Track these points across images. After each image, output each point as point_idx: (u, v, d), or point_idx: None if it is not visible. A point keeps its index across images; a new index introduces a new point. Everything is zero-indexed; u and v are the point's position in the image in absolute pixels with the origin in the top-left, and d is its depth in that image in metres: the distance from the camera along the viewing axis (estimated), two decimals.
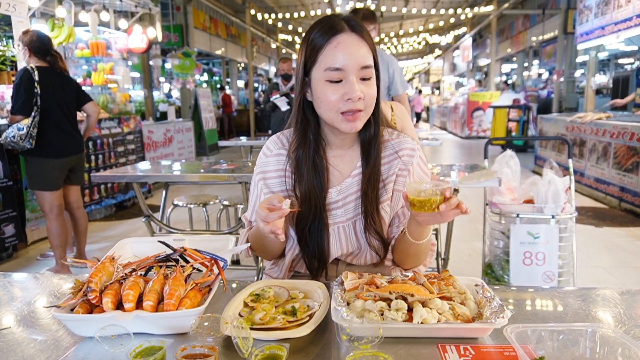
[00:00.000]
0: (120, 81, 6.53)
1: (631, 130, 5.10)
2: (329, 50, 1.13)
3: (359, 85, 1.13)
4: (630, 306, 1.07)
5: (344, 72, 1.12)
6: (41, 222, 4.27)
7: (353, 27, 1.14)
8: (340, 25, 1.14)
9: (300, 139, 1.25)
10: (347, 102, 1.13)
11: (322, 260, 1.27)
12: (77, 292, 0.99)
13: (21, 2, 4.55)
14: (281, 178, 1.29)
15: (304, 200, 1.24)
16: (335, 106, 1.14)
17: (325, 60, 1.13)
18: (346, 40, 1.13)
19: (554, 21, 12.60)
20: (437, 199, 0.99)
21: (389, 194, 1.26)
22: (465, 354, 0.86)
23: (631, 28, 6.71)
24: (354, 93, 1.11)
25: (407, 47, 25.97)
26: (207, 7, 13.46)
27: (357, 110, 1.14)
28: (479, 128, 14.01)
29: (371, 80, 1.15)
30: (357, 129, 1.17)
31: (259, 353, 0.80)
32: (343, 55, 1.11)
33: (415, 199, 1.01)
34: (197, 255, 1.13)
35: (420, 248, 1.19)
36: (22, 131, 3.17)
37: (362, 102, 1.14)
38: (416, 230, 1.14)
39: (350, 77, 1.12)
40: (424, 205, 1.00)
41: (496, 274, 2.88)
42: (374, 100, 1.17)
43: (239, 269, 3.64)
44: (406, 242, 1.18)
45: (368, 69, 1.14)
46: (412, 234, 1.15)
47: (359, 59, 1.12)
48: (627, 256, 3.87)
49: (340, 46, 1.12)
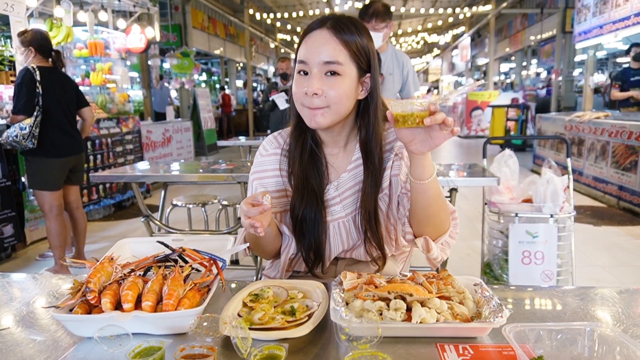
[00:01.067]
0: (118, 81, 6.52)
1: (629, 129, 5.10)
2: (303, 43, 1.16)
3: (319, 81, 1.12)
4: (629, 305, 1.07)
5: (307, 65, 1.14)
6: (40, 222, 4.26)
7: (332, 25, 1.14)
8: (322, 23, 1.16)
9: (295, 133, 1.26)
10: (306, 97, 1.14)
11: (318, 254, 1.27)
12: (76, 292, 0.99)
13: (19, 1, 4.54)
14: (277, 177, 1.30)
15: (301, 194, 1.24)
16: (299, 99, 1.16)
17: (298, 53, 1.17)
18: (316, 35, 1.14)
19: (552, 20, 12.62)
20: (422, 113, 0.95)
21: (386, 183, 1.25)
22: (464, 354, 0.86)
23: (629, 27, 6.72)
24: (310, 87, 1.12)
25: (406, 46, 25.96)
26: (206, 6, 13.45)
27: (316, 107, 1.14)
28: (478, 127, 14.01)
29: (339, 77, 1.13)
30: (319, 125, 1.16)
31: (257, 353, 0.80)
32: (307, 49, 1.14)
33: (398, 113, 0.98)
34: (196, 255, 1.13)
35: (430, 195, 1.11)
36: (24, 130, 3.16)
37: (321, 99, 1.13)
38: (416, 167, 1.08)
39: (313, 71, 1.13)
40: (407, 120, 0.97)
41: (495, 273, 2.89)
42: (339, 98, 1.14)
43: (238, 269, 3.64)
44: (414, 189, 1.12)
45: (334, 65, 1.12)
46: (414, 173, 1.09)
47: (323, 54, 1.12)
48: (625, 255, 3.88)
49: (309, 41, 1.15)
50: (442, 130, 0.98)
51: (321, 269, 1.31)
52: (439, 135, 0.99)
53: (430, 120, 0.94)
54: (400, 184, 1.23)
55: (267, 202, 1.04)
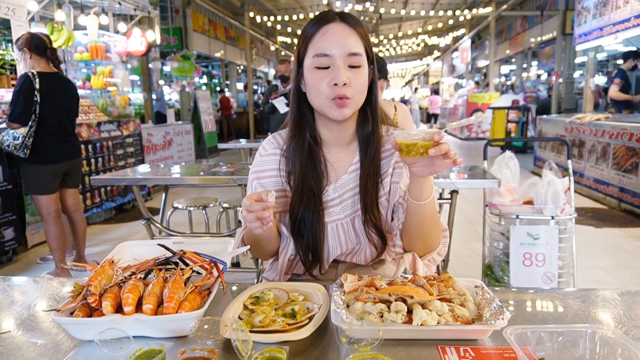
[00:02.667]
0: (119, 84, 6.54)
1: (630, 131, 5.10)
2: (318, 37, 1.15)
3: (346, 72, 1.14)
4: (630, 307, 1.07)
5: (331, 58, 1.14)
6: (41, 225, 4.26)
7: (344, 17, 1.16)
8: (330, 16, 1.17)
9: (294, 130, 1.27)
10: (334, 88, 1.14)
11: (316, 254, 1.27)
12: (76, 295, 0.99)
13: (20, 5, 4.56)
14: (276, 177, 1.30)
15: (300, 194, 1.24)
16: (323, 92, 1.16)
17: (314, 48, 1.15)
18: (334, 28, 1.15)
19: (552, 22, 12.63)
20: (426, 144, 0.97)
21: (386, 189, 1.26)
22: (465, 356, 0.86)
23: (629, 29, 6.73)
24: (340, 78, 1.12)
25: (406, 48, 26.00)
26: (206, 10, 13.49)
27: (345, 97, 1.14)
28: (478, 129, 14.02)
29: (360, 69, 1.16)
30: (345, 117, 1.17)
31: (258, 356, 0.80)
32: (330, 41, 1.14)
33: (402, 142, 0.99)
34: (196, 258, 1.13)
35: (425, 215, 1.15)
36: (17, 141, 3.17)
37: (349, 89, 1.14)
38: (415, 188, 1.11)
39: (337, 63, 1.14)
40: (411, 150, 0.98)
41: (496, 275, 2.88)
42: (362, 89, 1.17)
43: (238, 272, 3.64)
44: (410, 208, 1.15)
45: (356, 57, 1.14)
46: (413, 194, 1.12)
47: (346, 46, 1.13)
48: (626, 257, 3.87)
49: (328, 34, 1.15)
50: (445, 159, 0.99)
51: (319, 270, 1.30)
52: (441, 163, 1.00)
53: (434, 151, 0.96)
54: (399, 192, 1.25)
55: (272, 199, 1.04)
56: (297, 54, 1.21)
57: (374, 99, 1.23)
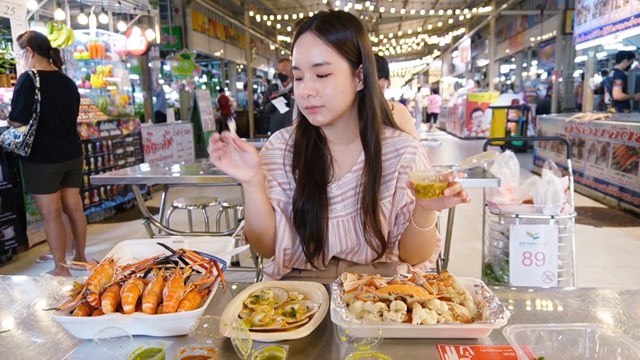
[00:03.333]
0: (119, 83, 6.54)
1: (630, 130, 5.10)
2: (294, 49, 1.20)
3: (312, 82, 1.16)
4: (630, 306, 1.07)
5: (300, 70, 1.18)
6: (41, 225, 4.26)
7: (317, 26, 1.17)
8: (307, 25, 1.18)
9: (302, 129, 1.30)
10: (303, 99, 1.18)
11: (319, 243, 1.27)
12: (76, 294, 0.99)
13: (20, 4, 4.55)
14: (281, 171, 1.32)
15: (303, 185, 1.26)
16: (300, 102, 1.21)
17: (292, 59, 1.21)
18: (302, 39, 1.18)
19: (552, 22, 12.62)
20: (441, 185, 1.02)
21: (390, 192, 1.27)
22: (464, 355, 0.86)
23: (629, 28, 6.72)
24: (304, 90, 1.17)
25: (406, 48, 25.99)
26: (206, 9, 13.47)
27: (314, 106, 1.18)
28: (478, 129, 14.02)
29: (329, 77, 1.16)
30: (320, 123, 1.21)
31: (258, 355, 0.80)
32: (298, 54, 1.18)
33: (419, 184, 1.03)
34: (196, 257, 1.13)
35: (425, 237, 1.21)
36: (18, 139, 3.17)
37: (317, 99, 1.17)
38: (421, 217, 1.16)
39: (305, 75, 1.17)
40: (428, 191, 1.03)
41: (496, 274, 2.88)
42: (333, 96, 1.17)
43: (238, 271, 3.64)
44: (412, 230, 1.20)
45: (321, 67, 1.15)
46: (417, 221, 1.17)
47: (309, 58, 1.15)
48: (626, 256, 3.87)
49: (297, 46, 1.19)
50: (455, 197, 1.03)
51: (322, 262, 1.31)
52: (451, 200, 1.04)
53: (449, 192, 1.01)
54: (405, 198, 1.27)
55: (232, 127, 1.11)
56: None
57: (369, 95, 1.22)
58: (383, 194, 1.26)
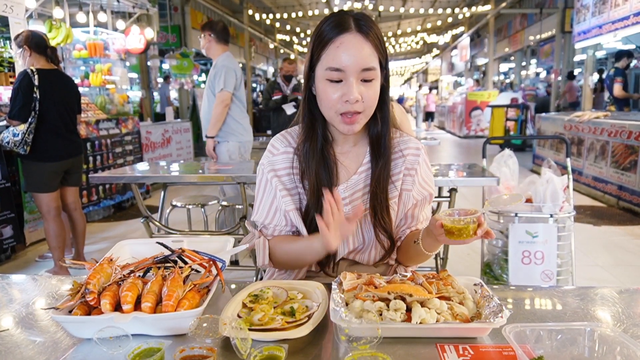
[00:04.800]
0: (118, 82, 6.53)
1: (629, 129, 5.11)
2: (331, 49, 1.11)
3: (359, 86, 1.11)
4: (629, 305, 1.07)
5: (344, 73, 1.11)
6: (39, 223, 4.26)
7: (360, 26, 1.12)
8: (347, 24, 1.12)
9: (307, 133, 1.25)
10: (345, 104, 1.12)
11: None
12: (75, 293, 0.99)
13: (18, 3, 4.54)
14: (290, 176, 1.28)
15: (316, 196, 1.23)
16: (334, 106, 1.14)
17: (327, 59, 1.12)
18: (349, 40, 1.10)
19: (551, 20, 12.62)
20: (474, 227, 1.02)
21: (397, 192, 1.27)
22: (464, 354, 0.86)
23: (628, 27, 6.72)
24: (352, 95, 1.10)
25: (405, 46, 25.98)
26: (205, 7, 13.44)
27: (355, 113, 1.13)
28: (477, 127, 14.02)
29: (373, 82, 1.14)
30: (354, 132, 1.18)
31: (257, 354, 0.80)
32: (344, 56, 1.10)
33: (454, 226, 1.02)
34: (195, 256, 1.13)
35: (427, 256, 1.23)
36: (17, 137, 3.16)
37: (361, 105, 1.13)
38: (432, 245, 1.16)
39: (350, 79, 1.11)
40: (462, 233, 1.02)
41: (495, 273, 2.88)
42: (373, 102, 1.16)
43: (237, 270, 3.63)
44: (417, 250, 1.20)
45: (369, 71, 1.11)
46: (427, 248, 1.17)
47: (360, 61, 1.10)
48: (625, 255, 3.88)
49: (342, 47, 1.10)
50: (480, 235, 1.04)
51: (333, 270, 1.32)
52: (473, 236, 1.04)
53: (481, 232, 1.01)
54: (411, 200, 1.28)
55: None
56: (310, 57, 1.18)
57: (386, 103, 1.22)
58: (392, 194, 1.27)
